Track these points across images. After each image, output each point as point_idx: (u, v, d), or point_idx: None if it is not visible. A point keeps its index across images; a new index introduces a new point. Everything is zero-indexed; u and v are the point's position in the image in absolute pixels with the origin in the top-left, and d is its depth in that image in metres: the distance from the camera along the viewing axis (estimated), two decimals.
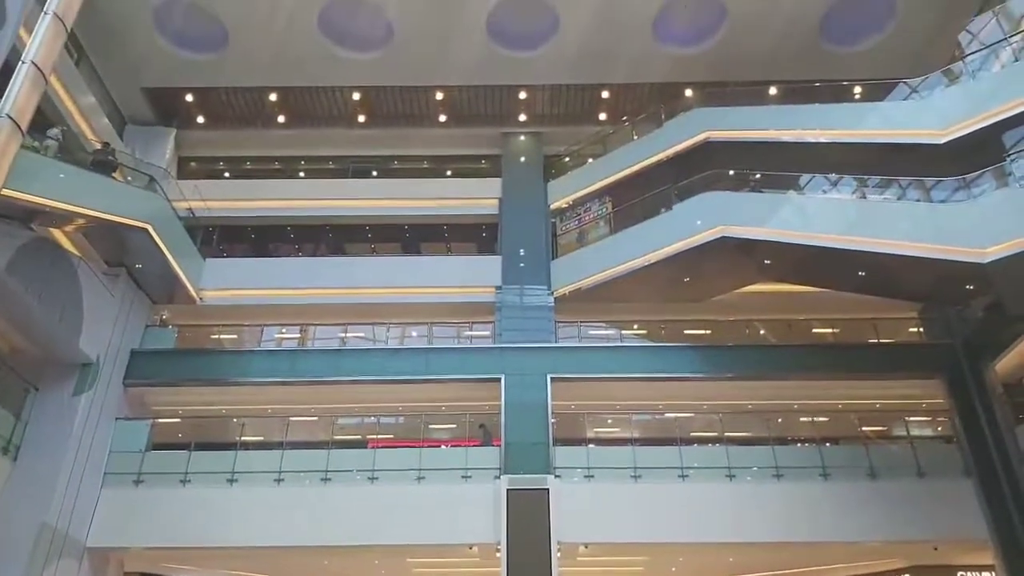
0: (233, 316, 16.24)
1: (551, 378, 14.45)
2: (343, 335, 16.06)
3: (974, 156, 12.32)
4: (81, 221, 13.22)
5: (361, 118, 18.36)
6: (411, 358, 15.03)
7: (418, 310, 15.97)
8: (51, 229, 13.73)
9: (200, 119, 18.25)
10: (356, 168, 18.64)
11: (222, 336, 16.59)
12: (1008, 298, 11.88)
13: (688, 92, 17.09)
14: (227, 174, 18.83)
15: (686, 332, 15.81)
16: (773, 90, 16.18)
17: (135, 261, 14.79)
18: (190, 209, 16.00)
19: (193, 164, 18.65)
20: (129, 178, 14.55)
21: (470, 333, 16.21)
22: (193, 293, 15.65)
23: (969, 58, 13.72)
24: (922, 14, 15.77)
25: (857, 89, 15.42)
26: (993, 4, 14.84)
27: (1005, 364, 13.63)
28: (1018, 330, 13.04)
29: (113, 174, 14.16)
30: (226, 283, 16.14)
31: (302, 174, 18.96)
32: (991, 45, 13.44)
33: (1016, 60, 12.70)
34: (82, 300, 13.56)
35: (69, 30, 11.48)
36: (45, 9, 11.14)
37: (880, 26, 16.30)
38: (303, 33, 16.11)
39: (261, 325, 16.37)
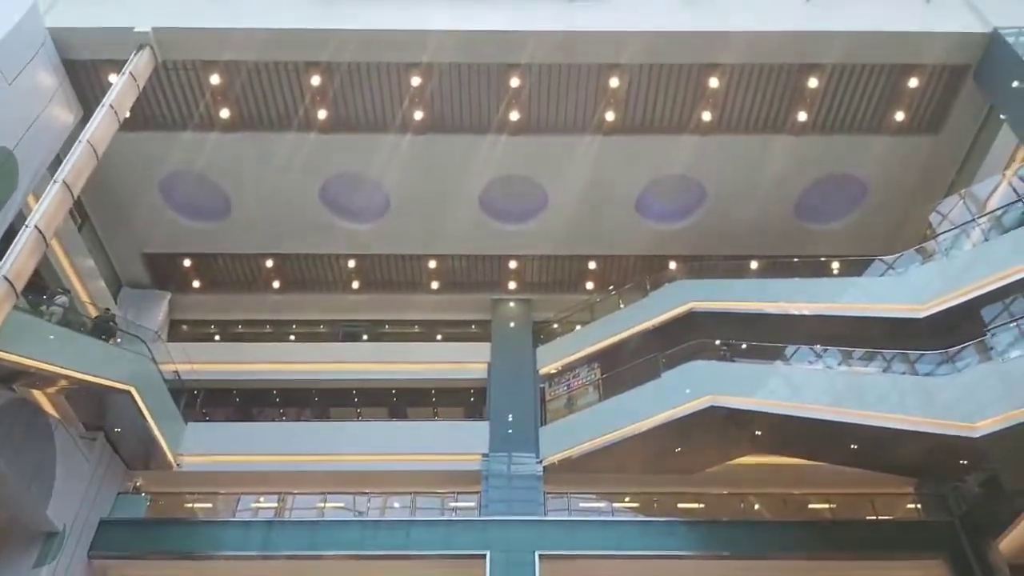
0: (210, 483, 15.68)
1: (540, 555, 13.76)
2: (322, 504, 15.45)
3: (955, 329, 12.59)
4: (64, 383, 13.07)
5: (355, 284, 18.76)
6: (392, 531, 14.35)
7: (401, 478, 15.48)
8: (32, 390, 13.57)
9: (196, 283, 18.60)
10: (347, 332, 18.79)
11: (196, 505, 15.92)
12: (1004, 472, 11.68)
13: (672, 264, 17.67)
14: (217, 337, 18.89)
15: (679, 506, 15.29)
16: (754, 263, 16.77)
17: (115, 425, 14.49)
18: (176, 372, 15.91)
19: (184, 327, 18.78)
20: (119, 340, 14.59)
21: (455, 504, 15.63)
22: (171, 458, 15.20)
23: (941, 237, 14.38)
24: (893, 197, 16.66)
25: (835, 264, 15.98)
26: (959, 187, 15.80)
27: (1010, 543, 13.13)
28: (1018, 506, 12.68)
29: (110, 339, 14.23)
30: (206, 448, 15.71)
31: (292, 338, 19.05)
32: (961, 225, 14.15)
33: (985, 240, 13.33)
34: (55, 465, 13.15)
35: (76, 197, 11.98)
36: (55, 177, 11.69)
37: (853, 206, 17.15)
38: (304, 204, 16.79)
39: (237, 493, 15.77)
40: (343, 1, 14.41)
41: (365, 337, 18.77)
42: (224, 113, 15.07)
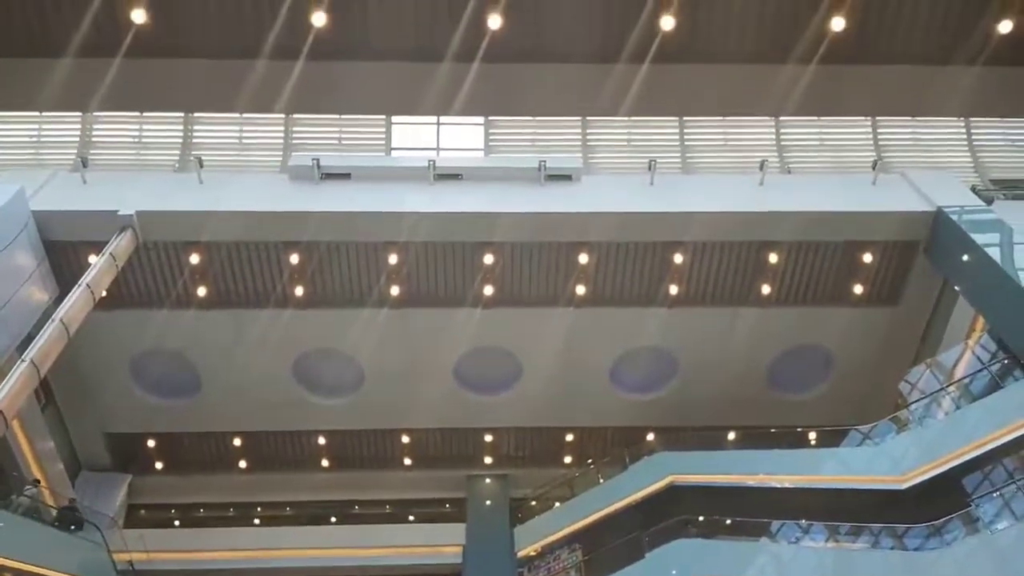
0: None
1: None
2: None
3: (939, 500, 12.36)
4: (8, 574, 12.14)
5: (325, 462, 18.19)
6: None
7: None
8: None
9: (159, 464, 17.91)
10: (315, 514, 17.96)
11: None
12: None
13: (650, 436, 17.46)
14: (177, 522, 17.93)
15: None
16: (732, 434, 16.63)
17: None
18: (130, 562, 14.93)
19: (143, 512, 17.83)
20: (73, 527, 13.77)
21: None
22: None
23: (913, 406, 14.49)
24: (860, 366, 16.92)
25: (812, 434, 15.89)
26: (924, 356, 16.16)
27: None
28: None
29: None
30: None
31: (257, 521, 18.13)
32: (931, 394, 14.31)
33: (957, 407, 13.46)
34: None
35: (43, 377, 11.73)
36: (23, 356, 11.48)
37: (823, 376, 17.35)
38: (277, 381, 16.60)
39: None
40: (323, 184, 15.05)
41: (334, 519, 17.92)
42: (201, 291, 15.21)
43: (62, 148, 16.19)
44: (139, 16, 7.43)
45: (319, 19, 7.71)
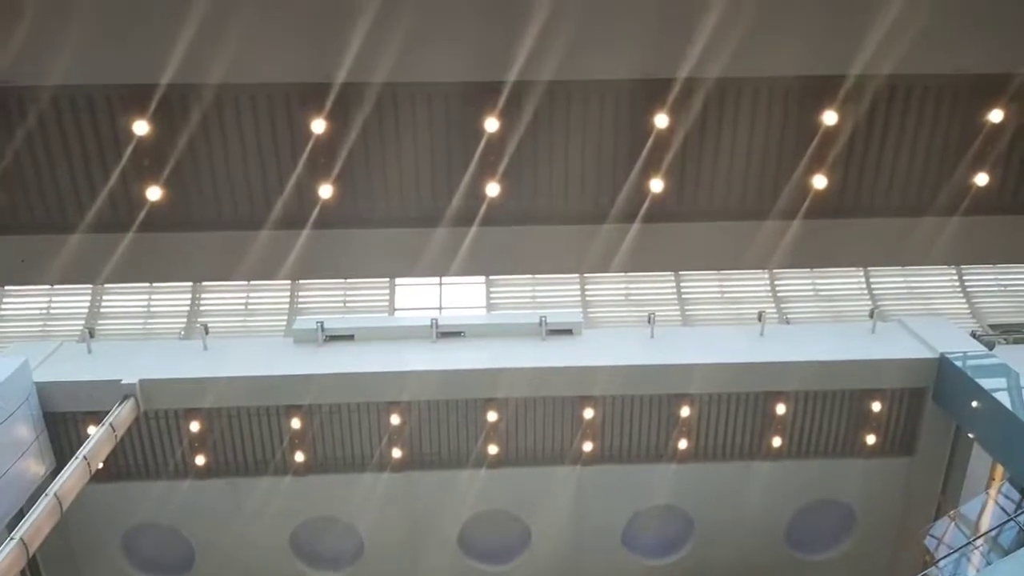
0: None
1: None
2: None
3: None
4: None
5: None
6: None
7: None
8: None
9: None
10: None
11: None
12: None
13: None
14: None
15: None
16: None
17: None
18: None
19: None
20: None
21: None
22: None
23: (941, 563, 13.78)
24: (882, 521, 16.26)
25: None
26: (947, 508, 15.56)
27: None
28: None
29: None
30: None
31: None
32: (959, 549, 13.65)
33: (988, 563, 12.79)
34: None
35: (31, 555, 11.27)
36: (13, 534, 11.09)
37: (844, 533, 16.61)
38: (273, 554, 15.92)
39: None
40: (327, 346, 15.21)
41: None
42: (199, 460, 14.93)
43: (71, 320, 16.53)
44: (154, 193, 7.78)
45: (326, 191, 8.07)
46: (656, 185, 8.33)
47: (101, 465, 13.19)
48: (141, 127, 7.44)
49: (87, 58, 7.05)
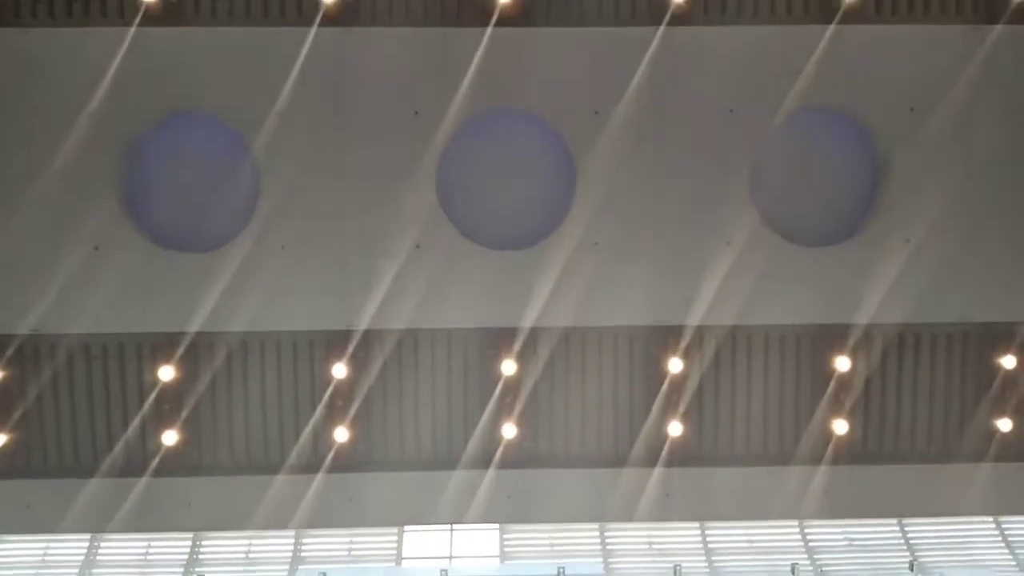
0: None
1: None
2: None
3: None
4: None
5: None
6: None
7: None
8: None
9: None
10: None
11: None
12: None
13: None
14: None
15: None
16: None
17: None
18: None
19: None
20: None
21: None
22: None
23: None
24: None
25: None
26: None
27: None
28: None
29: None
30: None
31: None
32: None
33: None
34: None
35: None
36: None
37: None
38: None
39: None
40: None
41: None
42: None
43: (66, 568, 15.66)
44: (170, 438, 7.77)
45: (341, 435, 8.04)
46: (675, 429, 8.25)
47: None
48: (167, 373, 7.59)
49: (114, 309, 7.40)
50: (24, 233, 7.40)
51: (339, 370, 7.80)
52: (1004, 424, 8.11)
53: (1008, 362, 7.89)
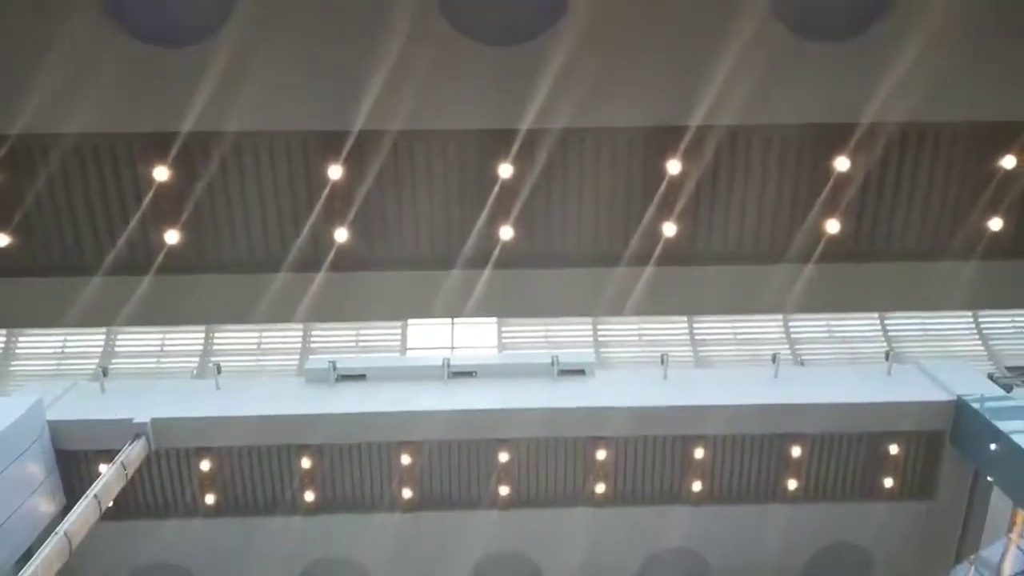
0: None
1: None
2: None
3: None
4: None
5: None
6: None
7: None
8: None
9: None
10: None
11: None
12: None
13: None
14: None
15: None
16: None
17: None
18: None
19: None
20: None
21: None
22: None
23: None
24: (900, 565, 15.94)
25: None
26: (967, 552, 15.26)
27: None
28: None
29: None
30: None
31: None
32: None
33: None
34: None
35: None
36: (21, 573, 11.03)
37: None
38: None
39: None
40: (338, 386, 15.21)
41: None
42: (209, 499, 14.86)
43: (85, 358, 16.63)
44: (172, 237, 7.89)
45: (341, 235, 8.16)
46: (669, 229, 8.37)
47: (111, 503, 13.14)
48: (161, 173, 7.55)
49: (110, 107, 7.21)
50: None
51: (335, 171, 7.76)
52: (995, 223, 8.22)
53: (1008, 162, 7.83)
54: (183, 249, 8.09)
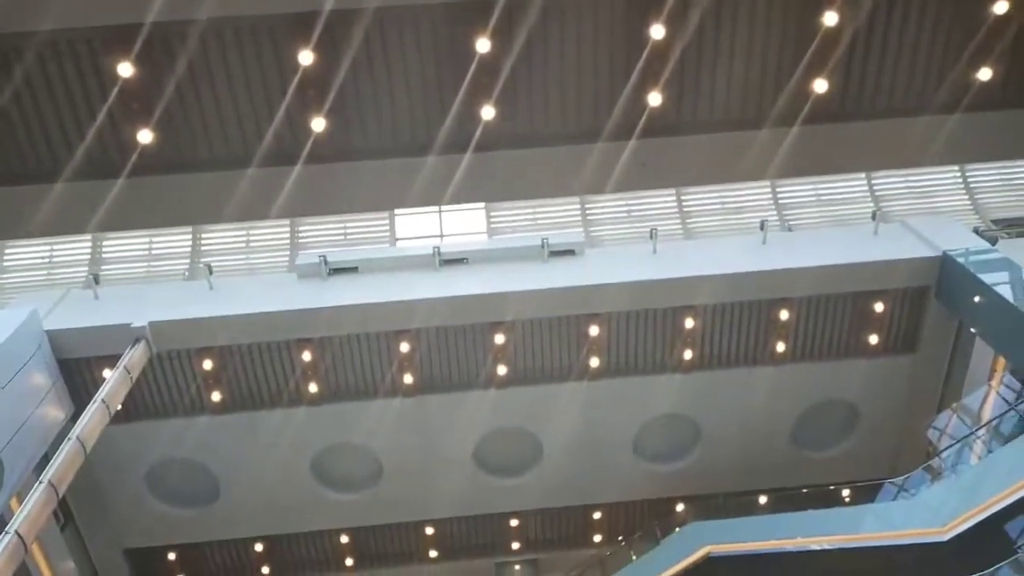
0: None
1: None
2: None
3: (983, 549, 11.94)
4: None
5: (349, 561, 17.79)
6: None
7: None
8: None
9: None
10: None
11: None
12: None
13: (680, 506, 17.04)
14: None
15: None
16: (763, 498, 16.22)
17: None
18: None
19: None
20: None
21: None
22: None
23: (944, 453, 14.16)
24: (885, 417, 16.63)
25: (846, 491, 15.48)
26: (949, 401, 15.89)
27: None
28: None
29: None
30: None
31: None
32: (960, 440, 14.01)
33: (989, 451, 13.15)
34: None
35: (61, 496, 11.62)
36: (41, 478, 11.41)
37: (849, 431, 17.02)
38: (295, 481, 16.39)
39: None
40: (331, 279, 15.26)
41: None
42: (215, 396, 15.21)
43: (74, 267, 16.56)
44: (145, 136, 7.67)
45: (317, 124, 7.93)
46: (654, 99, 8.14)
47: (119, 407, 13.43)
48: (126, 69, 7.25)
49: (70, 2, 6.84)
50: None
51: (305, 57, 7.46)
52: (984, 73, 8.04)
53: (1000, 7, 7.58)
54: (157, 149, 7.85)
